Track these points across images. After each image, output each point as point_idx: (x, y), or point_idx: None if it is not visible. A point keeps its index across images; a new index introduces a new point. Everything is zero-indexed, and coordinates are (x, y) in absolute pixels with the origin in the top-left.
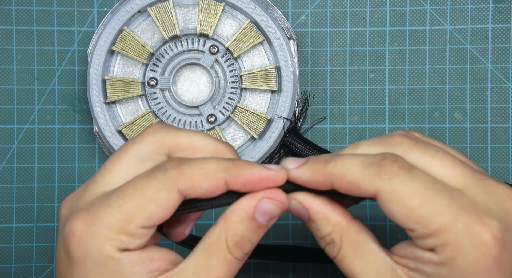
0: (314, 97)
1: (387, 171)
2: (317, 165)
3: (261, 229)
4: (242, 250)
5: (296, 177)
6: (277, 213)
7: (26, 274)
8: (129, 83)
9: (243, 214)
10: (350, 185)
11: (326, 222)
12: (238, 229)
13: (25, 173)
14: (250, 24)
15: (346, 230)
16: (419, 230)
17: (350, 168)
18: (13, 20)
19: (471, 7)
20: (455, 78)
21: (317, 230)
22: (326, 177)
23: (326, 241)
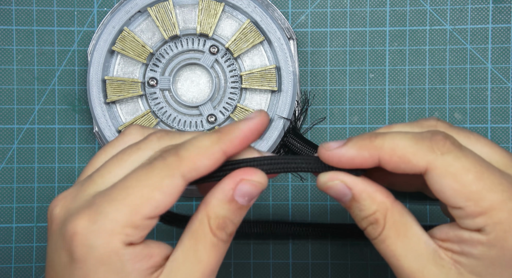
0: (314, 97)
1: (440, 146)
2: (362, 141)
3: (242, 209)
4: (225, 232)
5: (339, 155)
6: (256, 193)
7: (26, 274)
8: (129, 83)
9: (223, 197)
10: (400, 159)
11: (371, 201)
12: (219, 212)
13: (25, 173)
14: (250, 24)
15: (391, 210)
16: (469, 208)
17: (400, 142)
18: (13, 20)
19: (471, 7)
20: (455, 78)
21: (360, 210)
22: (373, 151)
23: (369, 221)
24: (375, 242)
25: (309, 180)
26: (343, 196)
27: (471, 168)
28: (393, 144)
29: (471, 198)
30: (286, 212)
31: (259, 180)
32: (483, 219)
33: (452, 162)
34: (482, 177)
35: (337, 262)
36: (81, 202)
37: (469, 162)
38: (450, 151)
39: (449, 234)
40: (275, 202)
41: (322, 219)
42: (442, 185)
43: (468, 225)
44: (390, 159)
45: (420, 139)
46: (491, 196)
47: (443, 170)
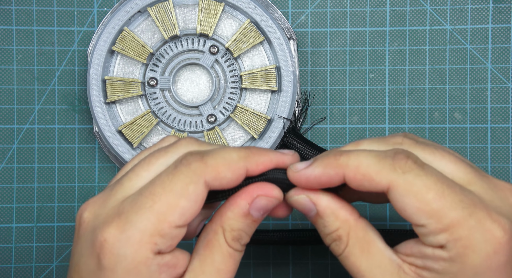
0: (314, 97)
1: (401, 165)
2: (328, 159)
3: (256, 222)
4: (240, 243)
5: (307, 175)
6: (271, 207)
7: (26, 274)
8: (129, 83)
9: (239, 211)
10: (363, 177)
11: (334, 218)
12: (234, 225)
13: (25, 173)
14: (250, 24)
15: (354, 227)
16: (431, 225)
17: (364, 160)
18: (13, 20)
19: (471, 7)
20: (455, 78)
21: (324, 226)
22: (338, 169)
23: (332, 238)
24: (340, 258)
25: None
26: (309, 211)
27: (431, 186)
28: (357, 162)
29: (433, 216)
30: None
31: (276, 196)
32: (445, 236)
33: (413, 181)
34: (443, 194)
35: (337, 262)
36: (110, 208)
37: (430, 180)
38: (412, 169)
39: (413, 249)
40: None
41: None
42: (404, 203)
43: (431, 242)
44: (354, 177)
45: (383, 157)
46: (452, 213)
47: (404, 189)
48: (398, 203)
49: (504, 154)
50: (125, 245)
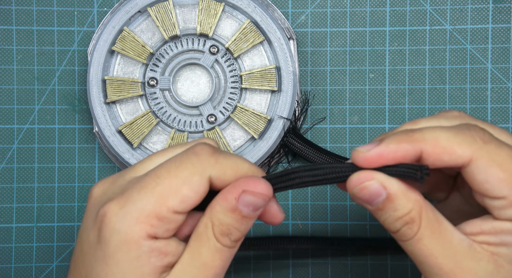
0: (314, 97)
1: (481, 137)
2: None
3: (248, 219)
4: (229, 238)
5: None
6: (261, 204)
7: (26, 274)
8: (129, 83)
9: (227, 206)
10: (444, 150)
11: (407, 199)
12: (223, 219)
13: (25, 173)
14: (250, 24)
15: (425, 208)
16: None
17: (441, 134)
18: (13, 20)
19: (471, 7)
20: (455, 78)
21: (394, 210)
22: (415, 144)
23: (404, 221)
24: (409, 243)
25: None
26: (377, 197)
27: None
28: (435, 136)
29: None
30: (286, 212)
31: (262, 191)
32: None
33: (496, 151)
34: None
35: (337, 262)
36: (117, 186)
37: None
38: (491, 140)
39: (483, 227)
40: None
41: (322, 218)
42: (488, 174)
43: (509, 215)
44: (433, 151)
45: (460, 131)
46: None
47: (488, 160)
48: (479, 175)
49: None
50: (121, 220)
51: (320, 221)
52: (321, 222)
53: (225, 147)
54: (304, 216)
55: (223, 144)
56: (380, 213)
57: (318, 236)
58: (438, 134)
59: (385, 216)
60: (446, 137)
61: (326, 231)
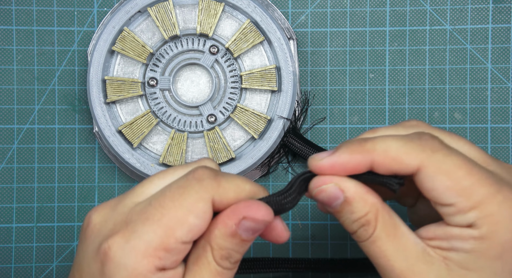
0: (314, 97)
1: (430, 145)
2: (352, 146)
3: (248, 242)
4: (229, 261)
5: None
6: (261, 228)
7: (26, 274)
8: (129, 83)
9: (226, 231)
10: (393, 160)
11: (363, 203)
12: (222, 245)
13: (25, 173)
14: (250, 24)
15: (381, 211)
16: (461, 203)
17: (391, 143)
18: (13, 20)
19: (471, 7)
20: (455, 78)
21: (351, 212)
22: (366, 154)
23: (360, 223)
24: (365, 244)
25: None
26: (335, 200)
27: (461, 165)
28: (385, 146)
29: (463, 194)
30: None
31: (262, 218)
32: (474, 213)
33: (444, 160)
34: (472, 172)
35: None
36: (119, 214)
37: (459, 159)
38: (440, 149)
39: (437, 232)
40: None
41: (322, 218)
42: (435, 182)
43: (459, 221)
44: (384, 161)
45: (410, 140)
46: (481, 190)
47: (435, 168)
48: (427, 183)
49: (504, 154)
50: (128, 255)
51: (320, 221)
52: (321, 222)
53: (225, 147)
54: (304, 216)
55: (223, 144)
56: (338, 215)
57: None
58: (388, 144)
59: (343, 218)
60: (395, 147)
61: (326, 232)
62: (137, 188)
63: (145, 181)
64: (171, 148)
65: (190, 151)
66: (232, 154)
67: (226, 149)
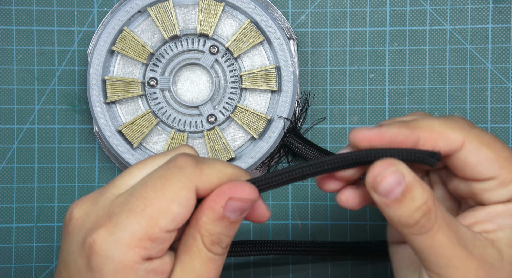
0: (314, 97)
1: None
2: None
3: (236, 223)
4: (220, 246)
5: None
6: (248, 206)
7: (26, 274)
8: (129, 83)
9: (214, 216)
10: (439, 135)
11: (422, 188)
12: (212, 229)
13: (25, 173)
14: (250, 24)
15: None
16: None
17: (434, 122)
18: (13, 20)
19: (471, 7)
20: (455, 78)
21: (413, 200)
22: (413, 130)
23: (423, 211)
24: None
25: (309, 180)
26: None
27: (495, 139)
28: (429, 124)
29: (505, 165)
30: (286, 212)
31: (248, 197)
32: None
33: (482, 134)
34: (504, 145)
35: (336, 262)
36: (101, 207)
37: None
38: (474, 126)
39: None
40: (275, 202)
41: (322, 218)
42: (480, 155)
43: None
44: (430, 136)
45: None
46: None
47: (478, 142)
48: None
49: None
50: (113, 247)
51: (320, 221)
52: (321, 222)
53: (225, 147)
54: (304, 216)
55: (223, 144)
56: (397, 206)
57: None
58: (431, 122)
59: (402, 208)
60: (439, 124)
61: (326, 232)
62: (116, 180)
63: (124, 172)
64: (171, 148)
65: None
66: (232, 154)
67: (226, 149)
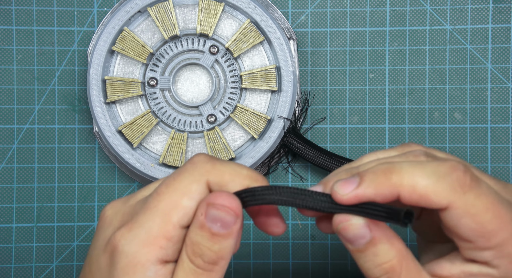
0: (314, 97)
1: (461, 184)
2: (378, 179)
3: (220, 237)
4: (202, 259)
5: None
6: (229, 219)
7: (26, 274)
8: (129, 83)
9: (196, 222)
10: (421, 198)
11: (390, 246)
12: (194, 238)
13: (25, 173)
14: (250, 24)
15: (406, 257)
16: (480, 243)
17: (420, 179)
18: (13, 20)
19: (471, 7)
20: (455, 78)
21: (375, 255)
22: (393, 189)
23: (384, 269)
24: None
25: (309, 180)
26: (360, 238)
27: (489, 207)
28: (412, 182)
29: (484, 236)
30: (286, 212)
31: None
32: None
33: (473, 202)
34: (499, 215)
35: (337, 262)
36: (128, 206)
37: (488, 200)
38: (471, 188)
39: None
40: None
41: None
42: (460, 223)
43: (475, 256)
44: (410, 197)
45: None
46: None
47: (463, 210)
48: (452, 222)
49: (504, 154)
50: (129, 243)
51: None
52: None
53: (225, 147)
54: (304, 216)
55: (223, 144)
56: (358, 254)
57: None
58: (416, 179)
59: (364, 259)
60: (424, 184)
61: None
62: (151, 184)
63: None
64: (171, 148)
65: (190, 151)
66: (232, 154)
67: (226, 149)
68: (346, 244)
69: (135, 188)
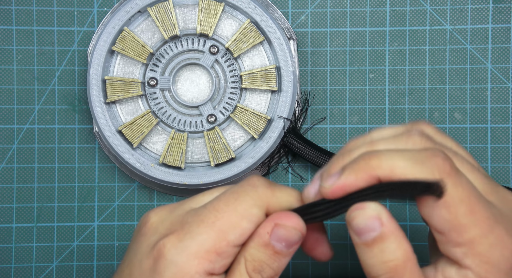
0: (314, 97)
1: (440, 170)
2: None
3: (281, 255)
4: (261, 275)
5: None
6: (294, 239)
7: (26, 274)
8: (129, 83)
9: (259, 241)
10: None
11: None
12: (255, 255)
13: (25, 173)
14: (250, 24)
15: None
16: (451, 236)
17: (399, 162)
18: (13, 20)
19: (471, 7)
20: (455, 78)
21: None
22: (372, 172)
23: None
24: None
25: (309, 180)
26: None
27: (465, 200)
28: (391, 164)
29: (456, 229)
30: None
31: (293, 225)
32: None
33: (450, 190)
34: (474, 210)
35: (337, 262)
36: (176, 216)
37: (465, 193)
38: (449, 176)
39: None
40: None
41: None
42: (433, 212)
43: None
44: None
45: (419, 161)
46: (475, 230)
47: None
48: (426, 209)
49: (504, 154)
50: (180, 253)
51: None
52: None
53: (225, 147)
54: None
55: (223, 144)
56: (365, 250)
57: None
58: (395, 162)
59: (369, 254)
60: (402, 166)
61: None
62: (197, 196)
63: (206, 191)
64: (171, 148)
65: (190, 151)
66: (232, 154)
67: (226, 149)
68: (354, 237)
69: (135, 188)
